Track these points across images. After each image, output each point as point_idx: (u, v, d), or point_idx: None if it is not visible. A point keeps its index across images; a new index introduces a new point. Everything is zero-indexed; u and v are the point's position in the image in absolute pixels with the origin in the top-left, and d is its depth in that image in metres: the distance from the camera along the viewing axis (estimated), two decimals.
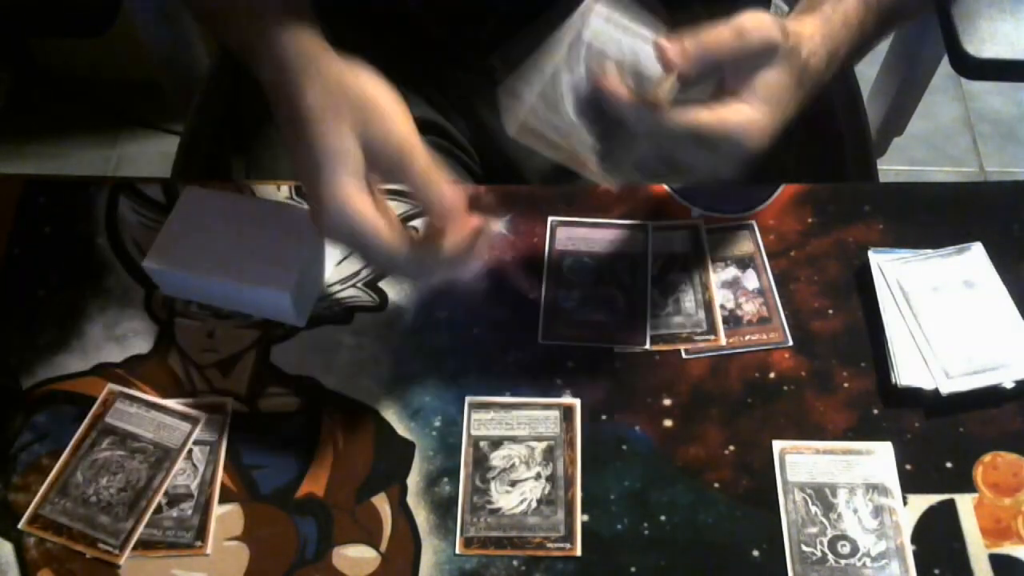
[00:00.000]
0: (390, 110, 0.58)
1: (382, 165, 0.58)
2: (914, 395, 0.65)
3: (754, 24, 0.58)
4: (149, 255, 0.68)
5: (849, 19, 0.65)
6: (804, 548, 0.60)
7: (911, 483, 0.62)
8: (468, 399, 0.66)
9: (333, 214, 0.57)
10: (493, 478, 0.63)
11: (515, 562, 0.60)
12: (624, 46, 0.59)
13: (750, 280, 0.71)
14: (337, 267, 0.72)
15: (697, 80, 0.58)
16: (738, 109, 0.59)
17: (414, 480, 0.63)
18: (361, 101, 0.58)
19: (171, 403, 0.66)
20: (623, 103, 0.58)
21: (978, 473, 0.63)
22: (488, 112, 0.86)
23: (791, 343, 0.68)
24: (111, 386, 0.66)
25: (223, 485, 0.63)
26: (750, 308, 0.69)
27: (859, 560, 0.59)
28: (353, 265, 0.72)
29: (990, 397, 0.65)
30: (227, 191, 0.73)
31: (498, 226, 0.72)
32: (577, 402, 0.66)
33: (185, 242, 0.68)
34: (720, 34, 0.57)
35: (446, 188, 0.58)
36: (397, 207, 0.74)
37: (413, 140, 0.58)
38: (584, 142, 0.60)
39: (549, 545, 0.60)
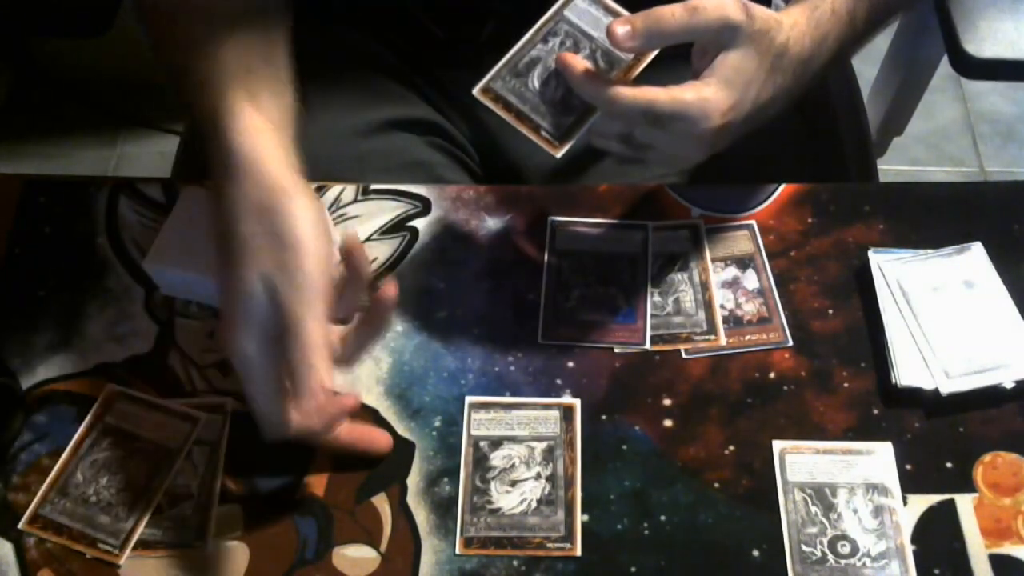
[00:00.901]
0: (308, 259, 0.57)
1: (276, 321, 0.56)
2: (914, 395, 0.65)
3: (711, 3, 0.58)
4: (149, 255, 0.68)
5: (838, 8, 0.65)
6: (804, 548, 0.60)
7: (911, 483, 0.62)
8: (468, 399, 0.66)
9: (231, 358, 0.56)
10: (493, 478, 0.63)
11: (515, 562, 0.60)
12: (602, 25, 0.60)
13: (750, 280, 0.71)
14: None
15: (643, 49, 0.59)
16: (693, 88, 0.59)
17: (414, 480, 0.63)
18: (284, 239, 0.56)
19: (171, 403, 0.66)
20: (579, 78, 0.59)
21: (978, 473, 0.63)
22: (488, 112, 0.86)
23: (791, 343, 0.68)
24: (111, 386, 0.66)
25: (223, 485, 0.63)
26: (750, 308, 0.69)
27: (859, 560, 0.59)
28: None
29: (990, 397, 0.64)
30: None
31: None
32: (577, 402, 0.65)
33: (185, 242, 0.68)
34: (672, 11, 0.58)
35: (318, 377, 0.55)
36: (395, 207, 0.74)
37: (307, 311, 0.55)
38: (541, 110, 0.61)
39: (549, 545, 0.60)
